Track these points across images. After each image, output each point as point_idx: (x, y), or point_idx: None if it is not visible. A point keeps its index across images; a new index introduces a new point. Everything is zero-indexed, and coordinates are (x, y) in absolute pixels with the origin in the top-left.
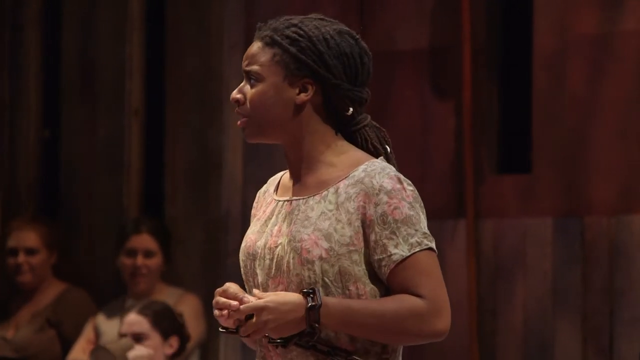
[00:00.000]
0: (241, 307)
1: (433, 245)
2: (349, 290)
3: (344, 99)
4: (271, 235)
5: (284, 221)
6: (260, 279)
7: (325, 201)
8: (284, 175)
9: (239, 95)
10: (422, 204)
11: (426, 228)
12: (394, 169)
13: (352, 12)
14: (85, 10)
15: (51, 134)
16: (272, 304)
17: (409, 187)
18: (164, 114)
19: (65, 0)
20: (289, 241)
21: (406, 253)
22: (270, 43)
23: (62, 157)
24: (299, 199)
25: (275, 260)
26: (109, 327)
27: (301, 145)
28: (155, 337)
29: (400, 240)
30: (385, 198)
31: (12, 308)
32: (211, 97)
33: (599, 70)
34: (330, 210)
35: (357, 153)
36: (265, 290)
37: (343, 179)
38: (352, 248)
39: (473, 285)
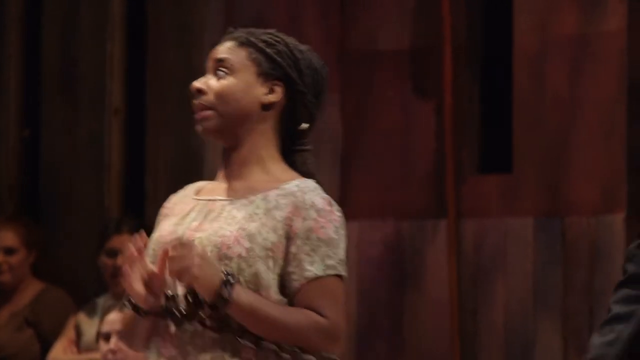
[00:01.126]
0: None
1: (345, 274)
2: (258, 294)
3: (305, 111)
4: (189, 229)
5: (205, 218)
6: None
7: (252, 205)
8: (208, 183)
9: (202, 85)
10: (345, 233)
11: (344, 256)
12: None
13: (334, 13)
14: (66, 8)
15: (31, 133)
16: (202, 252)
17: (338, 212)
18: (145, 113)
19: None
20: (209, 236)
21: (320, 273)
22: (245, 42)
23: (43, 156)
24: (225, 200)
25: None
26: (89, 326)
27: (242, 148)
28: None
29: (317, 259)
30: (314, 215)
31: None
32: (193, 96)
33: (580, 70)
34: (257, 214)
35: (290, 171)
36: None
37: (274, 189)
38: (270, 254)
39: (454, 285)
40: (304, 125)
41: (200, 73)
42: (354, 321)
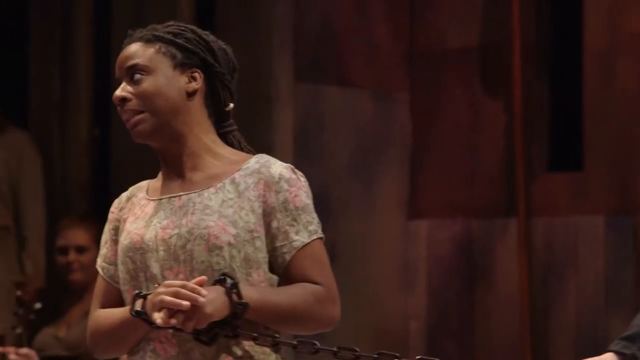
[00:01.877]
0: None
1: (323, 235)
2: (251, 277)
3: (227, 91)
4: (161, 228)
5: (175, 214)
6: (154, 271)
7: (223, 191)
8: (151, 182)
9: (125, 93)
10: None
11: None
12: None
13: (402, 11)
14: (135, 8)
15: (102, 132)
16: (208, 296)
17: (302, 177)
18: None
19: None
20: (191, 229)
21: (306, 240)
22: (151, 40)
23: (113, 155)
24: (190, 193)
25: (171, 251)
26: None
27: (186, 140)
28: None
29: (301, 227)
30: (285, 186)
31: (63, 307)
32: (261, 95)
33: None
34: (232, 199)
35: (237, 151)
36: (163, 281)
37: (236, 172)
38: (255, 235)
39: (525, 284)
40: (231, 105)
41: (268, 72)
42: (423, 320)
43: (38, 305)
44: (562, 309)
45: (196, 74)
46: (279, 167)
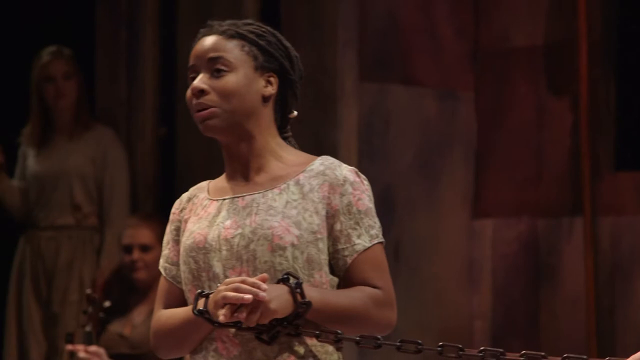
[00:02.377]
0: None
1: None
2: (313, 278)
3: (295, 98)
4: (224, 228)
5: (238, 214)
6: (217, 270)
7: (287, 193)
8: (211, 183)
9: (205, 86)
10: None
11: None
12: None
13: (466, 10)
14: (200, 8)
15: (167, 132)
16: (270, 291)
17: (365, 181)
18: None
19: None
20: (255, 229)
21: (367, 244)
22: (234, 35)
23: (179, 155)
24: (254, 194)
25: (234, 251)
26: None
27: (255, 141)
28: None
29: (363, 230)
30: (350, 189)
31: (129, 305)
32: (325, 94)
33: None
34: (296, 200)
35: (300, 152)
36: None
37: (301, 173)
38: (318, 236)
39: (591, 283)
40: (295, 113)
41: (333, 70)
42: (489, 318)
43: (107, 304)
44: (628, 309)
45: (272, 79)
46: (344, 170)
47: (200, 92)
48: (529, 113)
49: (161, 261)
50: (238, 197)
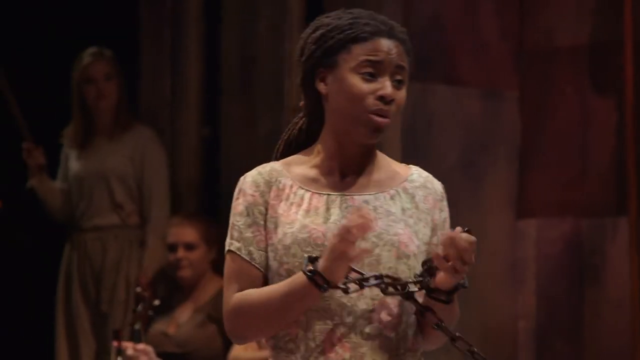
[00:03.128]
0: None
1: None
2: None
3: None
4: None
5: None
6: None
7: (399, 199)
8: (288, 168)
9: (394, 96)
10: None
11: None
12: None
13: (511, 9)
14: (245, 7)
15: (211, 132)
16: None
17: None
18: None
19: None
20: (380, 234)
21: None
22: (407, 51)
23: (222, 154)
24: (364, 195)
25: None
26: None
27: (372, 146)
28: None
29: None
30: (446, 204)
31: (173, 304)
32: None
33: None
34: (410, 209)
35: (392, 160)
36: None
37: (404, 182)
38: (427, 248)
39: (635, 284)
40: None
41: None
42: (533, 319)
43: (157, 302)
44: None
45: None
46: (438, 184)
47: (392, 100)
48: (573, 113)
49: (236, 244)
50: (347, 195)
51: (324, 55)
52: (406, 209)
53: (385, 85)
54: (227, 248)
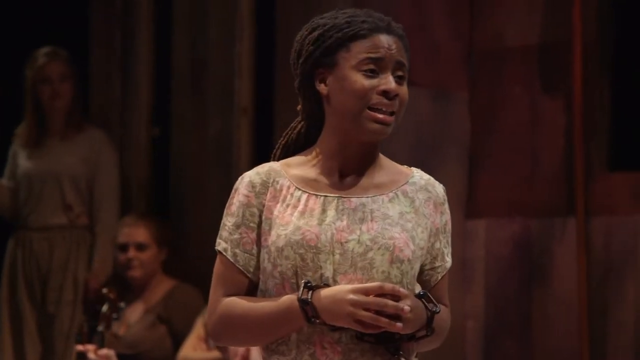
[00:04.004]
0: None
1: None
2: (414, 292)
3: None
4: (337, 230)
5: (349, 217)
6: (327, 274)
7: (398, 203)
8: (287, 169)
9: (398, 91)
10: None
11: None
12: None
13: (461, 10)
14: (195, 9)
15: (161, 132)
16: (413, 302)
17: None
18: (273, 112)
19: None
20: (374, 237)
21: (451, 261)
22: (405, 47)
23: (172, 155)
24: (362, 197)
25: (348, 256)
26: None
27: (374, 147)
28: None
29: (450, 248)
30: (447, 208)
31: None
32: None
33: None
34: (409, 213)
35: (393, 162)
36: (334, 285)
37: (404, 184)
38: (423, 252)
39: (583, 284)
40: None
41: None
42: (481, 319)
43: (123, 305)
44: (621, 309)
45: None
46: (440, 188)
47: (395, 95)
48: (523, 113)
49: (223, 244)
50: (344, 197)
51: (323, 55)
52: (404, 212)
53: (388, 81)
54: (216, 247)
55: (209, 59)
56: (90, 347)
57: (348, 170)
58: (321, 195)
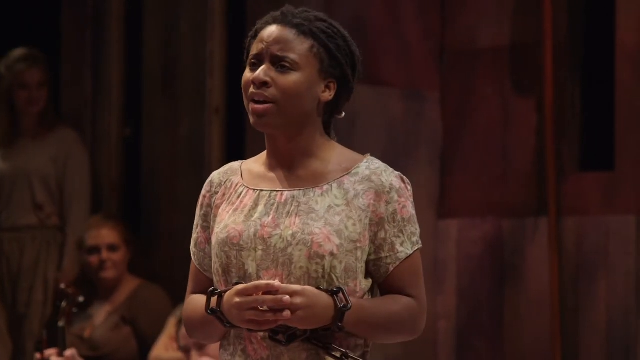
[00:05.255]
0: (276, 285)
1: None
2: (348, 286)
3: (348, 102)
4: (261, 226)
5: (276, 211)
6: (250, 270)
7: (329, 195)
8: (246, 165)
9: (268, 79)
10: None
11: None
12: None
13: (432, 10)
14: (166, 7)
15: (133, 132)
16: (309, 292)
17: (409, 186)
18: (245, 112)
19: None
20: (295, 233)
21: (409, 251)
22: (306, 33)
23: (144, 155)
24: (294, 190)
25: (270, 252)
26: None
27: (301, 138)
28: None
29: (405, 238)
30: (395, 197)
31: (89, 308)
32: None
33: None
34: (339, 206)
35: (345, 150)
36: (257, 281)
37: (345, 175)
38: (358, 245)
39: (555, 284)
40: (343, 114)
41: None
42: (453, 319)
43: (81, 299)
44: (593, 309)
45: (332, 84)
46: (390, 176)
47: (263, 85)
48: (494, 113)
49: (191, 245)
50: (277, 191)
51: (245, 54)
52: (334, 205)
53: (256, 71)
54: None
55: (180, 57)
56: (51, 352)
57: (284, 163)
58: (257, 190)
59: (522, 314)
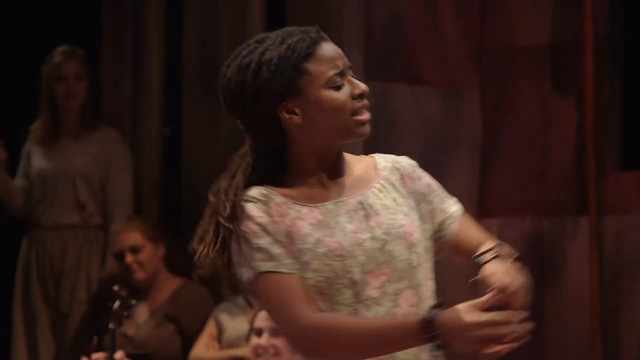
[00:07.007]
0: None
1: None
2: (429, 264)
3: None
4: (351, 233)
5: (353, 217)
6: (356, 277)
7: (385, 192)
8: (275, 190)
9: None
10: None
11: None
12: None
13: (472, 9)
14: (206, 8)
15: (173, 132)
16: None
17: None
18: None
19: None
20: (387, 230)
21: (460, 212)
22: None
23: (184, 154)
24: (355, 197)
25: (369, 254)
26: (231, 323)
27: (339, 147)
28: None
29: (450, 201)
30: (419, 172)
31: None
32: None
33: None
34: (399, 198)
35: (347, 154)
36: (364, 285)
37: (378, 171)
38: (425, 226)
39: (595, 283)
40: None
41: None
42: None
43: (133, 302)
44: (633, 308)
45: None
46: (404, 160)
47: (365, 94)
48: (534, 112)
49: (269, 263)
50: (341, 201)
51: (287, 87)
52: (396, 198)
53: (356, 84)
54: (256, 271)
55: (219, 57)
56: (100, 356)
57: (330, 177)
58: (319, 206)
59: (562, 313)
